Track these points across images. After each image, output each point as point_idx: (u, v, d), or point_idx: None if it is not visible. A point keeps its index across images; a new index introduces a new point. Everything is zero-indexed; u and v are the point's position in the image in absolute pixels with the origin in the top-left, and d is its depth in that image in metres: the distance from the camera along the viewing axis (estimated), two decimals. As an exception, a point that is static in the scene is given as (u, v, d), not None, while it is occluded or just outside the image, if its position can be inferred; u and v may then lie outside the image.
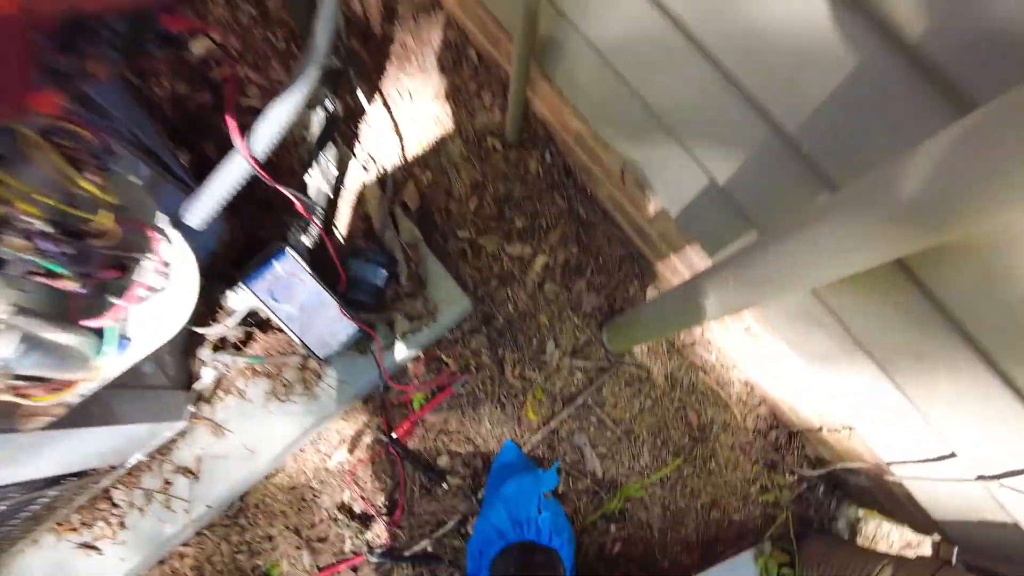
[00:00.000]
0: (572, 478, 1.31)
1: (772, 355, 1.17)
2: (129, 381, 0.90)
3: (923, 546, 1.38)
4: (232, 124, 0.86)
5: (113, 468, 1.09)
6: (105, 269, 0.72)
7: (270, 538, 1.25)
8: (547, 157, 1.39)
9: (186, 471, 1.15)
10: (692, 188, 0.96)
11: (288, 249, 1.12)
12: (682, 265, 1.23)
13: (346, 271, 1.17)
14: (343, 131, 1.32)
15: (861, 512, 1.37)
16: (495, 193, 1.36)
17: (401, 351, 1.23)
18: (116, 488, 1.15)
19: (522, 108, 1.27)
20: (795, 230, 0.60)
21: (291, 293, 1.13)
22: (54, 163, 0.58)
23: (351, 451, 1.28)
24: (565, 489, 1.30)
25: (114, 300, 0.72)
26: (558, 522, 1.16)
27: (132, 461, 1.13)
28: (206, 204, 0.93)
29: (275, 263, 1.11)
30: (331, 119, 1.17)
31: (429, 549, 1.27)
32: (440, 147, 1.36)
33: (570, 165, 1.38)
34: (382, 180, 1.29)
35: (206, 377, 1.12)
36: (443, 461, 1.29)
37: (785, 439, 1.36)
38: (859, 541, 1.37)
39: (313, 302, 1.13)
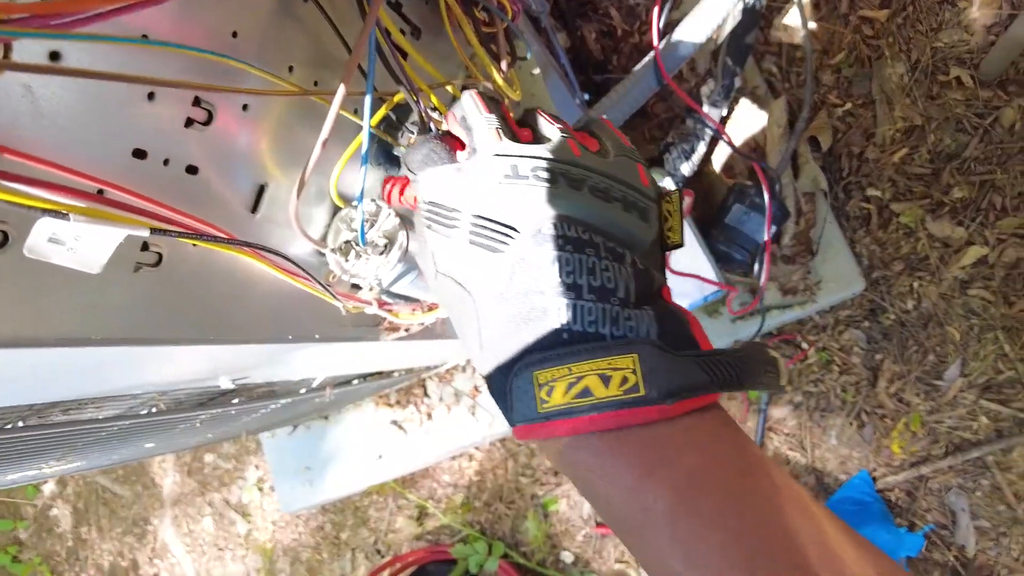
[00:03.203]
0: (930, 544, 1.25)
1: None
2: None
3: None
4: (656, 29, 0.85)
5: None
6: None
7: (556, 472, 1.44)
8: (1036, 107, 1.18)
9: (496, 384, 1.37)
10: None
11: (666, 179, 1.16)
12: None
13: (724, 216, 1.18)
14: (751, 29, 1.27)
15: None
16: (935, 145, 1.22)
17: (754, 324, 1.24)
18: (431, 379, 1.41)
19: (1032, 32, 1.08)
20: None
21: (653, 227, 1.18)
22: (471, 44, 0.63)
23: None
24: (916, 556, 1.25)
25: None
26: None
27: (452, 363, 1.36)
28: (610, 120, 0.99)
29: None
30: (754, 16, 1.13)
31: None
32: (873, 68, 1.24)
33: (1073, 126, 1.16)
34: (791, 107, 1.23)
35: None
36: (765, 464, 1.32)
37: None
38: None
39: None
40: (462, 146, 0.36)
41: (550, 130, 0.34)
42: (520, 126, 0.37)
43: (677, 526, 0.26)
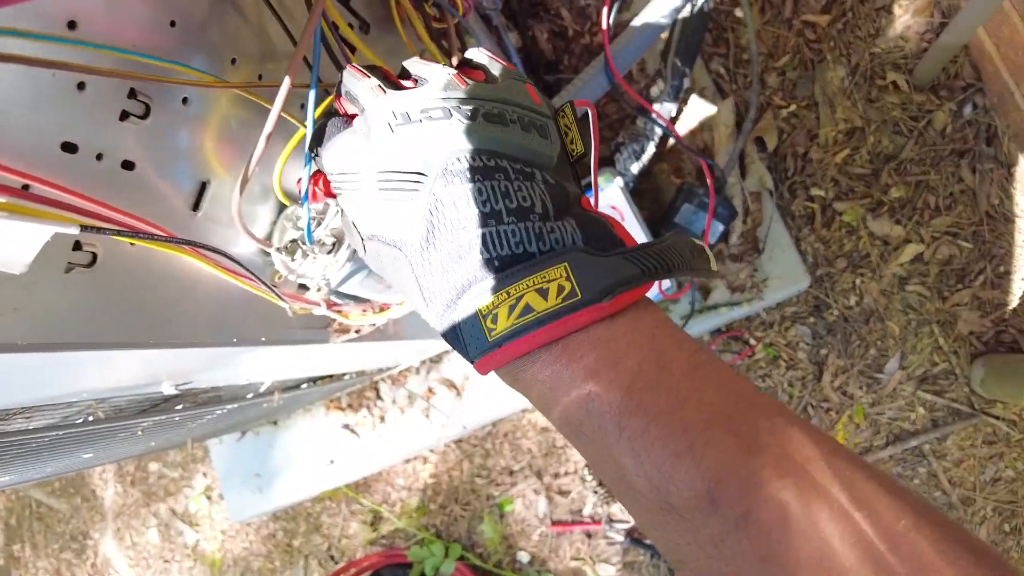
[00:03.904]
0: (873, 530, 1.29)
1: None
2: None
3: None
4: (606, 28, 0.86)
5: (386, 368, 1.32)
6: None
7: (511, 472, 1.44)
8: (965, 112, 1.24)
9: (451, 385, 1.35)
10: None
11: (616, 179, 1.17)
12: None
13: (673, 215, 1.20)
14: (699, 32, 1.29)
15: None
16: (875, 147, 1.27)
17: (703, 322, 1.26)
18: (384, 382, 1.39)
19: (962, 40, 1.13)
20: None
21: (606, 226, 1.19)
22: (422, 40, 0.63)
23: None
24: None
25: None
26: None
27: (404, 365, 1.35)
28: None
29: (600, 191, 1.18)
30: (702, 18, 1.16)
31: (672, 546, 1.38)
32: (816, 71, 1.28)
33: (999, 130, 1.22)
34: (738, 108, 1.26)
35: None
36: (716, 458, 1.35)
37: None
38: None
39: (628, 242, 1.19)
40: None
41: (431, 71, 0.34)
42: (402, 79, 0.37)
43: (623, 424, 0.26)
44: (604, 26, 0.79)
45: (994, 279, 1.24)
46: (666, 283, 1.16)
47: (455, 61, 0.65)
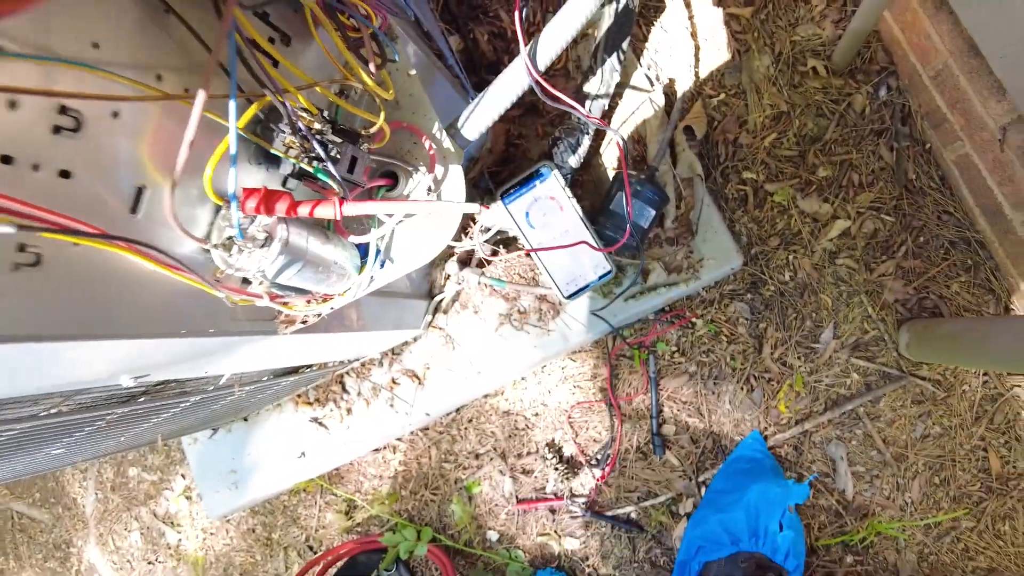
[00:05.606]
0: (815, 492, 1.37)
1: None
2: (379, 290, 1.10)
3: None
4: (519, 31, 0.92)
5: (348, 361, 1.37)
6: (372, 178, 0.78)
7: (477, 455, 1.50)
8: (881, 94, 1.32)
9: (413, 375, 1.41)
10: None
11: (554, 171, 1.24)
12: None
13: (608, 203, 1.27)
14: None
15: None
16: (800, 130, 1.35)
17: (645, 303, 1.33)
18: (348, 375, 1.45)
19: (869, 25, 1.21)
20: None
21: (546, 218, 1.26)
22: (337, 47, 0.67)
23: (572, 392, 1.45)
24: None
25: (382, 215, 0.80)
26: (798, 544, 1.25)
27: (367, 357, 1.41)
28: (484, 116, 1.05)
29: (537, 183, 1.24)
30: (628, 15, 1.22)
31: (632, 515, 1.45)
32: (742, 61, 1.36)
33: (912, 109, 1.31)
34: (668, 99, 1.33)
35: (448, 291, 1.33)
36: (667, 430, 1.42)
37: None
38: None
39: (567, 232, 1.26)
40: None
41: None
42: None
43: None
44: (517, 25, 0.85)
45: (915, 249, 1.32)
46: (603, 269, 1.23)
47: (373, 67, 0.71)
